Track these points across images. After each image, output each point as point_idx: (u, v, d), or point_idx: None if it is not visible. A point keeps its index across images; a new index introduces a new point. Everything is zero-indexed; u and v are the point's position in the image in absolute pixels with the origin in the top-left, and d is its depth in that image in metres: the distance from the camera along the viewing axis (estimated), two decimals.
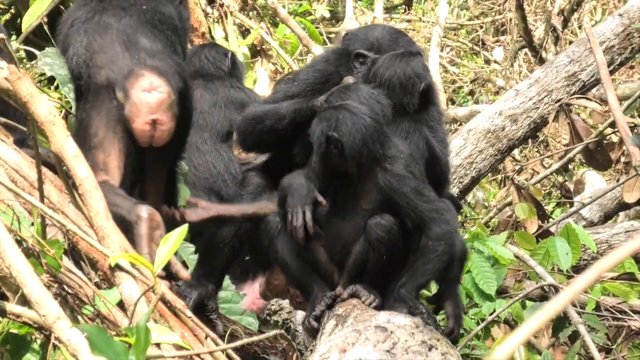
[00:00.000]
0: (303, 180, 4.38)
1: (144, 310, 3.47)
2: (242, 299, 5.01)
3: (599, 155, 7.10)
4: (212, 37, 8.08)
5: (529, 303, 5.75)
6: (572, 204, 8.41)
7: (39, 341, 3.96)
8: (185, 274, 4.10)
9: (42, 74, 5.84)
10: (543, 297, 5.88)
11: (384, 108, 4.51)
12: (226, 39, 8.18)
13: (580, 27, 12.19)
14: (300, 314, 4.94)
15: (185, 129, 4.71)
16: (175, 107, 4.52)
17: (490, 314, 5.28)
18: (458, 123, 9.84)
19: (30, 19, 4.79)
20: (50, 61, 5.57)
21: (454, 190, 6.77)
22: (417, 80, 4.73)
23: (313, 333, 4.23)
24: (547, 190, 10.03)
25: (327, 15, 11.26)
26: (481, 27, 13.07)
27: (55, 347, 3.68)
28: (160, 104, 4.41)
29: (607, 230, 6.83)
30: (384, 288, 4.32)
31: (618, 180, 7.72)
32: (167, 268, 4.20)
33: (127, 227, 4.11)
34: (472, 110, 9.50)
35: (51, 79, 5.61)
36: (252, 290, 5.23)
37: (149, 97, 4.40)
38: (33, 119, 3.87)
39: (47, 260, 3.80)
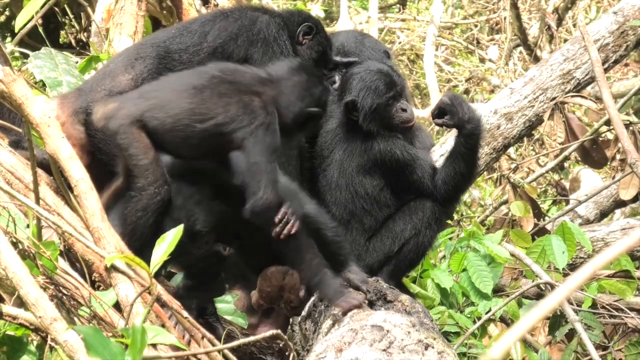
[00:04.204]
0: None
1: (140, 311, 3.48)
2: (235, 298, 5.00)
3: (595, 153, 7.10)
4: None
5: (525, 301, 5.75)
6: (567, 202, 8.42)
7: (35, 343, 3.96)
8: None
9: None
10: (539, 295, 5.88)
11: None
12: None
13: (574, 25, 12.20)
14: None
15: (108, 144, 4.81)
16: (69, 128, 4.69)
17: (487, 313, 5.28)
18: None
19: (24, 20, 4.78)
20: (41, 63, 5.56)
21: None
22: (344, 92, 5.08)
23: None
24: (543, 189, 10.03)
25: (322, 15, 11.26)
26: (476, 26, 13.08)
27: (51, 348, 3.68)
28: None
29: (603, 228, 6.83)
30: None
31: (614, 178, 7.73)
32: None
33: None
34: None
35: None
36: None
37: None
38: (28, 120, 3.88)
39: (43, 262, 3.80)
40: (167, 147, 4.18)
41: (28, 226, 3.98)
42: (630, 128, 6.77)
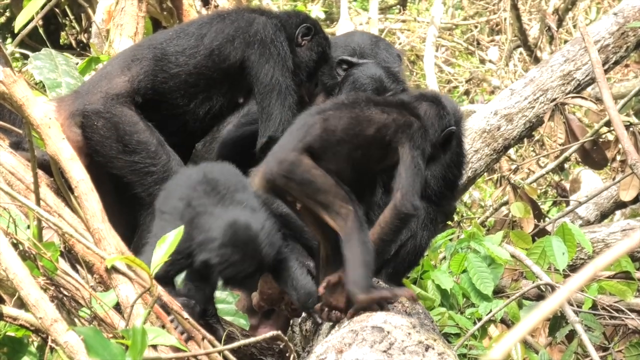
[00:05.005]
0: None
1: (141, 312, 3.48)
2: (236, 299, 5.00)
3: (595, 154, 7.11)
4: None
5: (525, 302, 5.75)
6: (568, 203, 8.42)
7: (36, 344, 3.96)
8: None
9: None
10: (540, 296, 5.88)
11: None
12: None
13: (575, 26, 12.20)
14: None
15: (105, 146, 4.80)
16: (66, 131, 4.64)
17: (487, 314, 5.28)
18: None
19: (23, 20, 4.79)
20: (40, 64, 5.56)
21: None
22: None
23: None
24: (543, 190, 10.03)
25: (322, 16, 11.26)
26: (476, 27, 13.08)
27: (52, 349, 3.68)
28: None
29: (603, 229, 6.83)
30: None
31: (614, 179, 7.73)
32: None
33: None
34: (468, 110, 9.51)
35: None
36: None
37: None
38: (29, 121, 3.88)
39: (43, 263, 3.80)
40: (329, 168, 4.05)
41: (29, 227, 3.98)
42: (631, 129, 6.78)
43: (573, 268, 6.25)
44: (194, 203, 4.14)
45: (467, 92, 12.44)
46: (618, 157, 7.68)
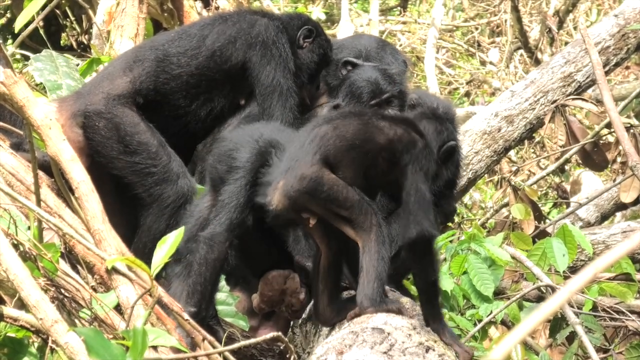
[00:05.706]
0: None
1: (141, 313, 3.48)
2: (236, 300, 5.00)
3: (595, 156, 7.11)
4: None
5: (526, 304, 5.75)
6: (568, 205, 8.42)
7: (36, 345, 3.96)
8: None
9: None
10: (540, 297, 5.88)
11: None
12: None
13: (575, 28, 12.20)
14: None
15: (106, 147, 4.82)
16: (67, 131, 4.67)
17: (488, 315, 5.28)
18: None
19: (24, 21, 4.80)
20: (41, 66, 5.56)
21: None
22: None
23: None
24: (544, 191, 10.03)
25: (323, 17, 11.26)
26: (476, 29, 13.07)
27: (52, 350, 3.68)
28: None
29: (604, 231, 6.83)
30: None
31: (614, 181, 7.73)
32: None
33: None
34: (468, 111, 9.51)
35: None
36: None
37: None
38: (29, 123, 3.88)
39: (44, 263, 3.80)
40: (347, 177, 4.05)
41: (29, 228, 3.98)
42: (631, 131, 6.78)
43: (573, 270, 6.25)
44: (265, 136, 4.32)
45: (467, 94, 12.44)
46: (618, 159, 7.67)
